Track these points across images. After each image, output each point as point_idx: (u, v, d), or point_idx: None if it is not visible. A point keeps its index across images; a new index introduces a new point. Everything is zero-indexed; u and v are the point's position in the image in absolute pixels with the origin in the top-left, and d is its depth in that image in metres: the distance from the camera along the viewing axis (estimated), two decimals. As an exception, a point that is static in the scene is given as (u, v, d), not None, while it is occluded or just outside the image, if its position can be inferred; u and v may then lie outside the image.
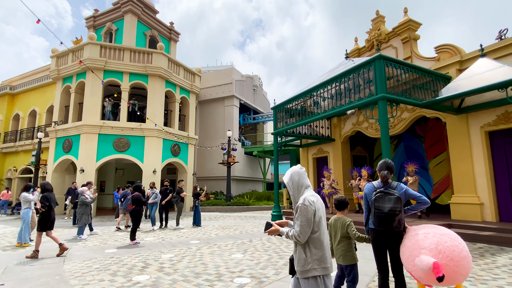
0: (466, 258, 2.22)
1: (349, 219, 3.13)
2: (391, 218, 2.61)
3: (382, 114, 7.23)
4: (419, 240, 2.44)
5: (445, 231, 2.39)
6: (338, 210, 3.23)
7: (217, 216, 13.95)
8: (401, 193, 2.73)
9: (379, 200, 2.71)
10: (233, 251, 5.97)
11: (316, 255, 1.97)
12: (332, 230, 3.21)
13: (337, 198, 3.27)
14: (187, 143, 17.57)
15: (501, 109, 7.90)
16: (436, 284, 2.46)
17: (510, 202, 7.67)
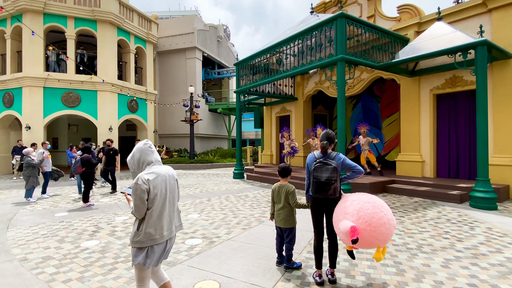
0: (385, 225, 2.42)
1: (293, 187, 3.24)
2: (327, 186, 2.75)
3: (340, 76, 7.27)
4: (346, 206, 2.62)
5: (370, 199, 2.57)
6: (281, 177, 3.32)
7: (180, 174, 13.95)
8: (339, 163, 2.85)
9: (317, 170, 2.82)
10: (190, 211, 6.08)
11: (148, 228, 2.08)
12: (275, 197, 3.32)
13: (280, 165, 3.34)
14: (145, 99, 16.62)
15: (449, 73, 8.31)
16: (350, 248, 2.72)
17: (446, 160, 8.50)
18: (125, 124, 21.00)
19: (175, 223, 2.32)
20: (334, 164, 2.77)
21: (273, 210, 3.40)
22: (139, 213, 2.07)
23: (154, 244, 2.10)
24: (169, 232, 2.21)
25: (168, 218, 2.21)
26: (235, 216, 5.57)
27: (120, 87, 14.89)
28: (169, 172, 2.27)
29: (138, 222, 2.12)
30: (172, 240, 2.30)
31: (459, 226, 4.80)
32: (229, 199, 7.30)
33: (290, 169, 3.35)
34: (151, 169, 2.17)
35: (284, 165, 3.34)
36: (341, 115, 7.34)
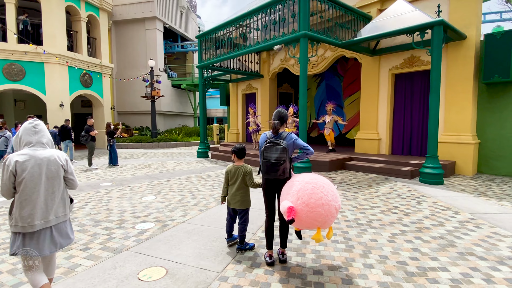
0: (323, 206, 2.37)
1: (250, 168, 3.12)
2: (276, 167, 2.66)
3: (303, 53, 7.12)
4: (289, 187, 2.57)
5: (313, 180, 2.51)
6: (237, 157, 3.17)
7: (141, 153, 13.34)
8: (289, 143, 2.75)
9: (267, 150, 2.70)
10: (146, 193, 5.80)
11: (17, 214, 2.00)
12: (231, 178, 3.18)
13: (236, 146, 3.18)
14: (100, 72, 15.34)
15: (408, 53, 8.51)
16: (297, 228, 2.70)
17: (401, 137, 8.91)
18: (80, 100, 19.52)
19: (57, 212, 2.14)
20: (284, 144, 2.67)
21: (225, 192, 3.27)
22: (3, 193, 2.02)
23: (24, 232, 2.00)
24: (44, 221, 2.05)
25: (44, 206, 2.06)
26: (194, 197, 5.40)
27: (70, 59, 13.55)
28: (51, 156, 2.09)
29: (10, 205, 2.05)
30: (60, 229, 2.15)
31: (408, 201, 5.06)
32: (189, 180, 7.09)
33: (245, 150, 3.20)
34: (26, 150, 2.04)
35: (239, 145, 3.18)
36: (303, 93, 7.27)
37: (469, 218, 4.16)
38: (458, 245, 3.27)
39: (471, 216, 4.26)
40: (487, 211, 4.49)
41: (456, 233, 3.62)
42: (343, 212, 4.46)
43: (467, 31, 7.33)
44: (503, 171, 7.41)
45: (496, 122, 7.50)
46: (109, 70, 16.00)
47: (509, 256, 3.01)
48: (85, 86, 14.57)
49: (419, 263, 2.86)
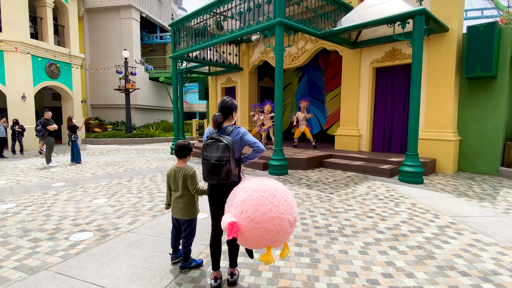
0: (273, 220, 1.88)
1: (193, 169, 2.58)
2: (218, 169, 2.14)
3: (278, 42, 6.61)
4: (233, 196, 2.06)
5: (262, 186, 2.00)
6: (178, 157, 2.63)
7: (112, 149, 12.54)
8: (236, 140, 2.24)
9: (207, 149, 2.18)
10: (99, 195, 5.17)
11: None
12: (171, 182, 2.65)
13: (178, 142, 2.63)
14: (69, 63, 14.32)
15: (389, 46, 8.15)
16: (245, 247, 2.17)
17: (382, 134, 8.59)
18: (50, 93, 18.35)
19: None
20: (228, 141, 2.15)
21: (169, 199, 2.73)
22: None
23: None
24: None
25: None
26: (151, 200, 4.82)
27: (34, 47, 12.50)
28: None
29: None
30: None
31: (385, 202, 4.68)
32: (154, 179, 6.49)
33: (191, 147, 2.66)
34: None
35: (182, 142, 2.63)
36: (278, 85, 6.78)
37: (449, 223, 3.79)
38: (437, 257, 2.87)
39: (452, 220, 3.90)
40: (468, 213, 4.15)
41: (435, 241, 3.23)
42: (314, 217, 4.00)
43: (450, 23, 7.02)
44: (483, 169, 7.20)
45: (477, 118, 7.26)
46: (79, 60, 14.97)
47: (494, 270, 2.63)
48: (52, 77, 13.54)
49: (392, 282, 2.43)
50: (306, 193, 5.20)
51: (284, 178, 6.53)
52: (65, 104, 14.88)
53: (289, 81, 13.70)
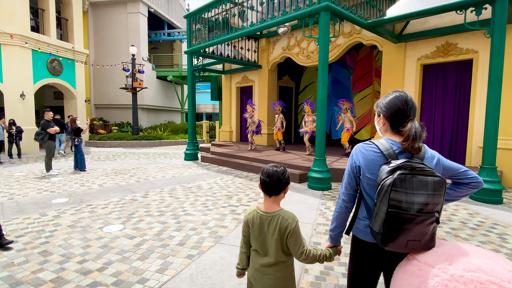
0: None
1: (295, 219, 1.46)
2: (424, 227, 1.16)
3: (324, 30, 5.53)
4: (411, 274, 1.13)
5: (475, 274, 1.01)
6: (267, 194, 1.52)
7: (119, 153, 11.48)
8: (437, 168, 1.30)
9: (402, 186, 1.14)
10: (112, 218, 4.09)
11: None
12: (255, 238, 1.52)
13: (268, 170, 1.51)
14: (73, 59, 13.29)
15: (441, 39, 7.08)
16: None
17: (430, 140, 7.49)
18: (52, 92, 17.37)
19: None
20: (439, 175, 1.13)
21: (245, 262, 1.63)
22: None
23: None
24: None
25: None
26: (179, 228, 3.74)
27: (35, 41, 11.48)
28: None
29: None
30: None
31: (484, 234, 3.59)
32: (174, 194, 5.41)
33: (288, 176, 1.53)
34: None
35: (273, 168, 1.50)
36: (323, 82, 5.70)
37: None
38: None
39: None
40: None
41: None
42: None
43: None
44: (561, 184, 6.09)
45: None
46: (84, 56, 13.95)
47: None
48: (54, 74, 12.51)
49: None
50: (371, 218, 4.11)
51: (329, 193, 5.44)
52: (67, 103, 13.84)
53: (311, 80, 12.64)
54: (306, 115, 8.32)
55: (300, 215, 4.18)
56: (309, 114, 8.21)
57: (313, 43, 9.71)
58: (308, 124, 8.24)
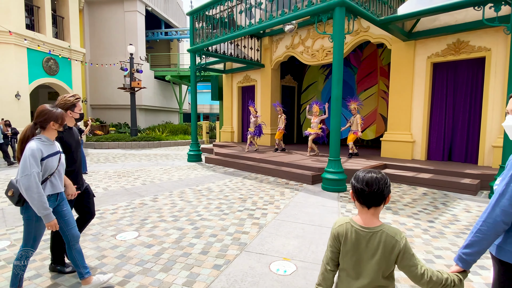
0: None
1: (400, 234, 1.22)
2: None
3: (338, 26, 5.36)
4: None
5: None
6: (365, 205, 1.26)
7: (118, 155, 11.16)
8: None
9: None
10: (123, 224, 3.84)
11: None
12: (348, 254, 1.28)
13: (365, 177, 1.24)
14: (69, 58, 12.91)
15: (452, 37, 6.97)
16: None
17: (441, 140, 7.39)
18: (46, 92, 16.92)
19: None
20: None
21: (330, 283, 1.35)
22: None
23: None
24: None
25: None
26: (198, 234, 3.51)
27: (30, 39, 11.09)
28: None
29: None
30: None
31: None
32: (185, 197, 5.17)
33: (389, 186, 1.24)
34: None
35: (371, 175, 1.23)
36: (337, 80, 5.52)
37: None
38: None
39: None
40: None
41: None
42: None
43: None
44: None
45: None
46: (80, 55, 13.57)
47: None
48: (50, 73, 12.12)
49: None
50: (396, 221, 3.94)
51: (345, 195, 5.26)
52: (63, 103, 13.42)
53: (314, 79, 12.49)
54: (313, 116, 8.15)
55: (323, 219, 3.99)
56: (316, 115, 8.04)
57: (318, 41, 9.56)
58: (314, 125, 8.07)
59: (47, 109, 2.07)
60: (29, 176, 1.91)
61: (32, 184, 1.91)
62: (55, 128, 2.10)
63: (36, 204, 1.94)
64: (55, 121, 2.07)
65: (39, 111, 2.07)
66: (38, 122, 2.06)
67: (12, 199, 2.06)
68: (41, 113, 2.05)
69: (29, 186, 1.90)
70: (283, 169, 6.81)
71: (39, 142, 2.03)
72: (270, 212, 4.31)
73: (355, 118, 7.85)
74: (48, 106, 2.10)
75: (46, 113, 2.05)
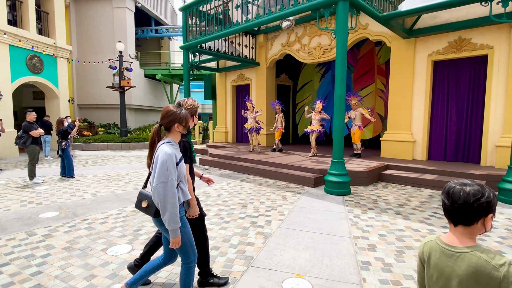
0: None
1: (504, 261, 0.92)
2: None
3: (342, 22, 5.12)
4: None
5: None
6: (452, 222, 1.03)
7: (107, 157, 10.69)
8: None
9: None
10: (115, 235, 3.49)
11: None
12: (430, 277, 1.05)
13: (452, 189, 1.01)
14: (54, 54, 12.32)
15: (454, 34, 6.82)
16: None
17: (442, 140, 7.25)
18: (31, 91, 16.24)
19: None
20: None
21: None
22: None
23: None
24: None
25: None
26: (198, 245, 3.19)
27: (12, 35, 10.50)
28: None
29: None
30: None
31: (541, 244, 3.25)
32: (180, 203, 4.82)
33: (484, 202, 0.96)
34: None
35: (460, 188, 0.99)
36: (341, 78, 5.28)
37: None
38: None
39: None
40: None
41: None
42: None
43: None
44: None
45: None
46: (66, 53, 12.98)
47: None
48: (34, 71, 11.52)
49: None
50: (408, 227, 3.71)
51: (350, 199, 5.02)
52: (49, 103, 12.85)
53: (309, 78, 12.26)
54: (314, 113, 7.90)
55: (331, 226, 3.73)
56: (317, 113, 7.79)
57: (315, 39, 9.32)
58: (315, 123, 7.83)
59: (172, 110, 1.91)
60: (165, 184, 1.74)
61: (168, 192, 1.74)
62: (179, 130, 1.93)
63: (168, 215, 1.76)
64: (179, 123, 1.91)
65: (164, 112, 1.92)
66: (164, 123, 1.90)
67: (147, 211, 1.90)
68: (166, 114, 1.90)
69: (166, 195, 1.74)
70: (282, 171, 6.54)
71: (171, 146, 1.86)
72: (274, 219, 4.03)
73: (358, 112, 7.63)
74: (172, 107, 1.93)
75: (171, 114, 1.89)
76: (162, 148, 1.82)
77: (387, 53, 9.95)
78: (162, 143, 1.86)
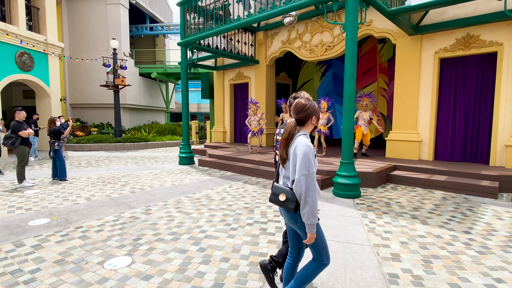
0: None
1: None
2: None
3: (352, 15, 4.88)
4: None
5: None
6: None
7: (102, 157, 10.30)
8: None
9: None
10: (112, 246, 3.18)
11: None
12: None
13: None
14: (44, 50, 11.85)
15: (462, 31, 6.63)
16: None
17: (448, 140, 7.05)
18: (21, 90, 15.70)
19: None
20: None
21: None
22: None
23: None
24: None
25: None
26: (206, 258, 2.90)
27: (1, 31, 10.03)
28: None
29: None
30: None
31: None
32: (182, 208, 4.52)
33: None
34: None
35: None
36: (351, 75, 5.05)
37: None
38: None
39: None
40: None
41: None
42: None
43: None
44: None
45: None
46: (58, 50, 12.51)
47: None
48: (24, 69, 11.05)
49: None
50: (429, 233, 3.46)
51: (362, 202, 4.77)
52: (40, 102, 12.37)
53: (309, 76, 12.02)
54: (321, 112, 7.65)
55: (347, 233, 3.46)
56: (324, 112, 7.54)
57: (317, 36, 9.07)
58: (322, 122, 7.57)
59: (307, 104, 1.87)
60: (307, 176, 1.70)
61: (309, 185, 1.70)
62: (314, 123, 1.90)
63: (308, 208, 1.71)
64: (315, 116, 1.89)
65: (300, 107, 1.86)
66: (301, 118, 1.86)
67: (286, 205, 1.80)
68: (303, 108, 1.86)
69: (307, 188, 1.69)
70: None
71: (308, 138, 1.83)
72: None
73: (368, 114, 7.44)
74: (304, 101, 1.88)
75: (308, 108, 1.86)
76: (301, 140, 1.77)
77: (389, 51, 9.78)
78: (298, 135, 1.83)
